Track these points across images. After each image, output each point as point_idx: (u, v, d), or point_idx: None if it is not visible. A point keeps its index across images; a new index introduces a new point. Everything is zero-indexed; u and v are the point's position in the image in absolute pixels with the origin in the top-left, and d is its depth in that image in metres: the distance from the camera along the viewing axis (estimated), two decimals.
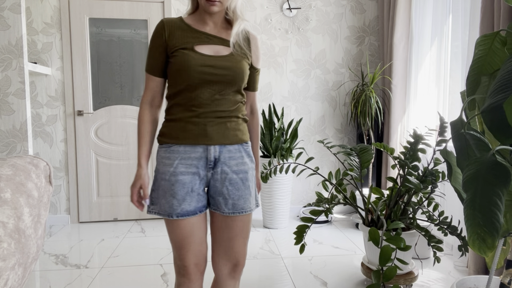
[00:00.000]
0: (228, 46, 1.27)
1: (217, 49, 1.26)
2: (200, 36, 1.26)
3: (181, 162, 1.24)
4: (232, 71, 1.24)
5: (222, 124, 1.26)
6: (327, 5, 3.67)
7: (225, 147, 1.27)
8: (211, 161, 1.26)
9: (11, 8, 2.68)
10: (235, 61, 1.25)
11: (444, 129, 2.03)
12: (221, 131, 1.26)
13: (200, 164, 1.25)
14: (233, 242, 1.32)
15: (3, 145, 2.74)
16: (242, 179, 1.29)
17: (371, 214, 2.21)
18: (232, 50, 1.26)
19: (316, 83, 3.72)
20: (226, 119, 1.27)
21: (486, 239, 0.94)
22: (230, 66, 1.23)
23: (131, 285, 2.24)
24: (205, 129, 1.24)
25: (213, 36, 1.27)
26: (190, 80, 1.22)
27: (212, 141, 1.24)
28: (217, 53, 1.25)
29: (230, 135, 1.27)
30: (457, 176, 1.23)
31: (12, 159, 1.03)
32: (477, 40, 1.22)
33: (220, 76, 1.23)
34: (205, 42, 1.25)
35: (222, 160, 1.27)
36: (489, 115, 0.95)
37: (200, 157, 1.25)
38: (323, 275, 2.36)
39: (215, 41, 1.26)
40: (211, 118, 1.25)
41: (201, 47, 1.24)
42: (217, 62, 1.23)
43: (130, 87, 3.57)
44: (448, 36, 2.78)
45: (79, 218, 3.55)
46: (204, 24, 1.28)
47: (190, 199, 1.25)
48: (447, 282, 2.22)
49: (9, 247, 0.87)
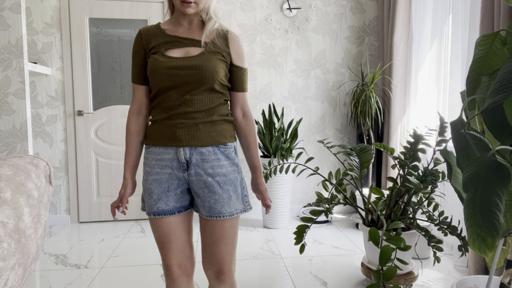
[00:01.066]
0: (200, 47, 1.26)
1: (188, 50, 1.26)
2: (172, 40, 1.26)
3: (157, 162, 1.26)
4: (199, 69, 1.22)
5: (193, 126, 1.24)
6: (327, 5, 3.67)
7: (195, 149, 1.25)
8: (183, 163, 1.25)
9: (11, 8, 2.68)
10: (204, 59, 1.23)
11: (444, 129, 2.03)
12: (191, 133, 1.24)
13: (174, 165, 1.26)
14: (215, 248, 1.29)
15: (3, 145, 2.74)
16: (219, 182, 1.26)
17: (371, 214, 2.21)
18: (202, 50, 1.25)
19: (316, 83, 3.72)
20: (198, 119, 1.24)
21: (486, 239, 0.94)
22: (197, 64, 1.22)
23: (131, 285, 2.24)
24: (175, 131, 1.24)
25: (184, 38, 1.26)
26: (160, 83, 1.23)
27: (181, 143, 1.23)
28: (186, 54, 1.25)
29: (202, 136, 1.24)
30: (457, 176, 1.23)
31: (12, 159, 1.03)
32: (477, 40, 1.22)
33: (186, 76, 1.22)
34: (176, 46, 1.25)
35: (194, 162, 1.25)
36: (489, 115, 0.95)
37: (172, 159, 1.25)
38: (323, 275, 2.36)
39: (186, 43, 1.26)
40: (182, 120, 1.24)
41: (172, 50, 1.25)
42: (184, 62, 1.22)
43: (130, 87, 3.57)
44: (448, 36, 2.78)
45: (79, 218, 3.55)
46: (178, 26, 1.29)
47: (167, 199, 1.26)
48: (447, 282, 2.22)
49: (9, 247, 0.87)
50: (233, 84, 1.33)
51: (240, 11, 3.59)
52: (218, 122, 1.28)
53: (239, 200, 1.30)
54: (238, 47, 1.31)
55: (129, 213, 3.61)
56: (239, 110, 1.36)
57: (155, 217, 1.27)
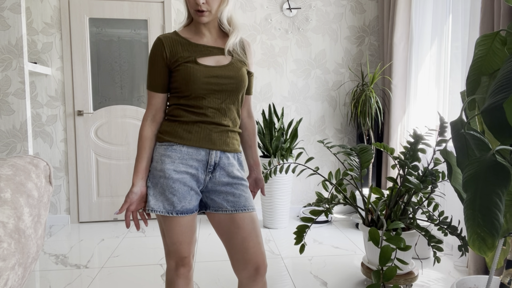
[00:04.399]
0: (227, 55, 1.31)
1: (218, 59, 1.29)
2: (200, 48, 1.29)
3: (182, 162, 1.26)
4: (235, 79, 1.28)
5: (224, 132, 1.31)
6: (327, 5, 3.67)
7: (224, 154, 1.31)
8: (211, 165, 1.29)
9: (11, 8, 2.68)
10: (236, 69, 1.29)
11: (444, 129, 2.03)
12: (223, 138, 1.30)
13: (200, 167, 1.28)
14: (249, 242, 1.28)
15: (3, 145, 2.74)
16: (238, 184, 1.33)
17: (371, 214, 2.21)
18: (231, 59, 1.31)
19: (316, 83, 3.72)
20: (228, 127, 1.32)
21: (486, 239, 0.94)
22: (233, 75, 1.28)
23: (131, 285, 2.24)
24: (210, 134, 1.28)
25: (212, 47, 1.30)
26: (197, 91, 1.26)
27: (215, 146, 1.28)
28: (218, 63, 1.29)
29: (230, 143, 1.33)
30: (457, 176, 1.23)
31: (12, 159, 1.03)
32: (477, 40, 1.22)
33: (224, 85, 1.27)
34: (206, 54, 1.28)
35: (221, 165, 1.31)
36: (489, 115, 0.95)
37: (202, 160, 1.28)
38: (323, 275, 2.36)
39: (214, 52, 1.30)
40: (216, 125, 1.29)
41: (204, 59, 1.28)
42: (220, 72, 1.27)
43: (130, 87, 3.57)
44: (448, 36, 2.78)
45: (79, 218, 3.55)
46: (201, 36, 1.31)
47: (190, 198, 1.28)
48: (447, 282, 2.22)
49: (9, 247, 0.87)
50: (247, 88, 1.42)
51: (240, 11, 3.59)
52: (238, 133, 1.38)
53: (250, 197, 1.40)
54: (251, 54, 1.39)
55: None
56: (246, 111, 1.45)
57: (178, 215, 1.26)
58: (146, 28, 3.53)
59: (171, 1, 3.50)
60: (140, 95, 3.59)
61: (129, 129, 3.56)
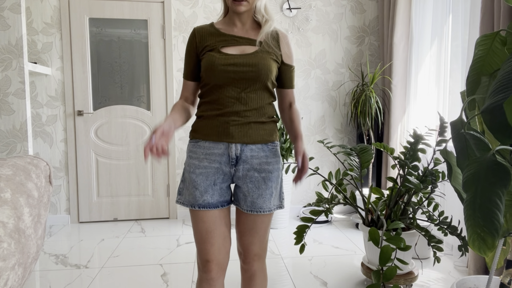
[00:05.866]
0: (255, 46, 1.31)
1: (243, 48, 1.30)
2: (227, 38, 1.31)
3: (206, 156, 1.29)
4: (255, 67, 1.26)
5: (245, 124, 1.29)
6: (327, 5, 3.67)
7: (247, 146, 1.30)
8: (233, 159, 1.29)
9: (11, 8, 2.68)
10: (259, 57, 1.28)
11: (444, 129, 2.03)
12: (244, 130, 1.29)
13: (223, 160, 1.29)
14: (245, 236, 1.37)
15: (3, 145, 2.74)
16: (264, 178, 1.31)
17: (371, 214, 2.20)
18: (257, 49, 1.30)
19: (316, 83, 3.72)
20: (250, 118, 1.30)
21: (486, 239, 0.94)
22: (253, 62, 1.26)
23: (131, 285, 2.24)
24: (228, 127, 1.28)
25: (240, 37, 1.31)
26: (216, 79, 1.27)
27: (234, 139, 1.28)
28: (242, 52, 1.29)
29: (253, 134, 1.30)
30: (457, 176, 1.23)
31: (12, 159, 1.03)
32: (477, 40, 1.22)
33: (243, 73, 1.26)
34: (232, 44, 1.30)
35: (244, 158, 1.30)
36: (489, 115, 0.95)
37: (223, 154, 1.29)
38: (323, 275, 2.36)
39: (242, 42, 1.31)
40: (235, 117, 1.29)
41: (228, 48, 1.30)
42: (240, 60, 1.26)
43: (130, 87, 3.57)
44: (448, 36, 2.78)
45: (79, 218, 3.55)
46: (233, 26, 1.34)
47: (213, 192, 1.29)
48: (447, 282, 2.22)
49: (9, 247, 0.87)
50: (283, 81, 1.39)
51: None
52: (267, 122, 1.35)
53: (277, 196, 1.38)
54: (288, 47, 1.37)
55: (129, 213, 3.61)
56: (287, 103, 1.43)
57: (200, 209, 1.29)
58: (146, 28, 3.53)
59: (171, 1, 3.50)
60: (140, 95, 3.59)
61: (129, 129, 3.56)
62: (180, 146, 3.61)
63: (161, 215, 3.67)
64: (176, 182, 3.63)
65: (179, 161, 3.63)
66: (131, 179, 3.60)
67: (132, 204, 3.61)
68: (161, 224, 3.47)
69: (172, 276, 2.37)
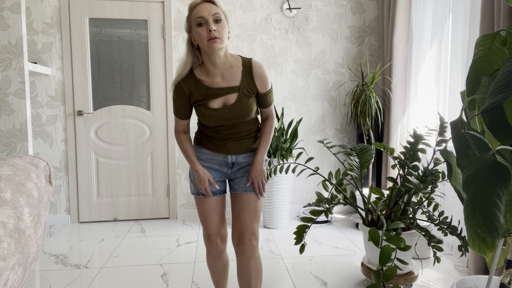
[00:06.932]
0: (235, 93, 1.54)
1: (226, 99, 1.55)
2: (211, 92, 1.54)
3: (208, 160, 1.66)
4: (239, 114, 1.57)
5: (239, 140, 1.65)
6: (327, 5, 3.67)
7: (240, 155, 1.67)
8: (230, 164, 1.67)
9: (11, 8, 2.68)
10: (241, 106, 1.56)
11: (444, 129, 2.03)
12: (238, 145, 1.65)
13: (222, 164, 1.67)
14: (240, 215, 1.64)
15: (3, 145, 2.74)
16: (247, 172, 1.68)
17: (371, 214, 2.20)
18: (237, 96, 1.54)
19: (316, 83, 3.72)
20: (242, 136, 1.65)
21: (486, 239, 0.94)
22: (238, 114, 1.56)
23: (131, 285, 2.24)
24: (226, 143, 1.64)
25: (221, 89, 1.54)
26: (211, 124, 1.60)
27: (230, 152, 1.65)
28: (226, 103, 1.55)
29: (244, 146, 1.66)
30: (457, 176, 1.23)
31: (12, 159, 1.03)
32: (477, 40, 1.22)
33: (231, 120, 1.58)
34: (215, 97, 1.54)
35: (238, 162, 1.67)
36: (489, 115, 0.95)
37: (221, 161, 1.66)
38: (323, 275, 2.36)
39: (223, 93, 1.54)
40: (230, 137, 1.63)
41: (213, 102, 1.55)
42: (227, 114, 1.55)
43: (130, 87, 3.57)
44: (448, 36, 2.78)
45: (79, 218, 3.55)
46: (213, 77, 1.55)
47: None
48: (447, 282, 2.22)
49: (9, 247, 0.87)
50: (261, 104, 1.66)
51: (240, 11, 3.59)
52: (253, 136, 1.69)
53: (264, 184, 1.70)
54: (261, 79, 1.59)
55: (129, 213, 3.61)
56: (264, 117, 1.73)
57: (204, 196, 1.66)
58: (146, 28, 3.53)
59: (171, 1, 3.50)
60: (140, 95, 3.59)
61: (129, 129, 3.56)
62: None
63: (161, 215, 3.67)
64: (176, 182, 3.63)
65: (179, 161, 3.63)
66: (131, 179, 3.60)
67: (132, 204, 3.61)
68: (161, 224, 3.47)
69: (172, 276, 2.37)
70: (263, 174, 1.67)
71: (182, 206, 3.67)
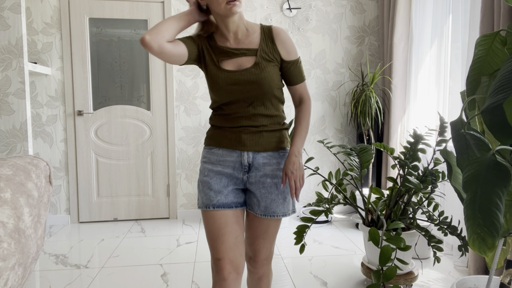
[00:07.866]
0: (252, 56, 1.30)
1: (240, 62, 1.30)
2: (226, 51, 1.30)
3: (220, 162, 1.34)
4: (256, 85, 1.28)
5: (257, 133, 1.33)
6: (327, 5, 3.67)
7: (258, 154, 1.34)
8: (245, 166, 1.34)
9: (11, 8, 2.68)
10: (258, 71, 1.28)
11: (444, 129, 2.03)
12: (255, 139, 1.33)
13: (236, 167, 1.34)
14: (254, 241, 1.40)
15: (3, 145, 2.74)
16: (276, 183, 1.35)
17: (371, 214, 2.20)
18: (255, 60, 1.29)
19: (316, 83, 3.72)
20: (261, 128, 1.33)
21: (486, 239, 0.94)
22: (253, 79, 1.28)
23: (131, 285, 2.24)
24: (240, 136, 1.32)
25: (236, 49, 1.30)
26: (223, 99, 1.31)
27: (246, 147, 1.32)
28: (240, 67, 1.30)
29: (264, 142, 1.34)
30: (457, 176, 1.23)
31: (12, 159, 1.03)
32: (477, 40, 1.22)
33: (247, 92, 1.29)
34: (229, 56, 1.30)
35: (256, 165, 1.34)
36: (489, 115, 0.95)
37: (236, 161, 1.33)
38: (323, 275, 2.36)
39: (238, 54, 1.30)
40: (246, 128, 1.32)
41: (226, 62, 1.30)
42: (241, 77, 1.28)
43: (130, 87, 3.57)
44: (448, 36, 2.78)
45: (79, 218, 3.55)
46: (226, 39, 1.32)
47: (227, 192, 1.33)
48: (447, 282, 2.22)
49: (9, 247, 0.87)
50: (288, 79, 1.37)
51: None
52: (277, 130, 1.37)
53: (290, 201, 1.39)
54: (284, 43, 1.32)
55: (129, 213, 3.61)
56: (297, 99, 1.41)
57: (214, 209, 1.31)
58: (146, 28, 3.53)
59: (171, 1, 3.50)
60: (140, 95, 3.59)
61: (129, 129, 3.56)
62: (180, 146, 3.61)
63: (161, 215, 3.67)
64: (176, 182, 3.63)
65: (179, 161, 3.63)
66: (131, 179, 3.60)
67: (132, 204, 3.61)
68: (161, 224, 3.47)
69: (172, 276, 2.37)
70: (301, 170, 1.32)
71: (182, 206, 3.67)
